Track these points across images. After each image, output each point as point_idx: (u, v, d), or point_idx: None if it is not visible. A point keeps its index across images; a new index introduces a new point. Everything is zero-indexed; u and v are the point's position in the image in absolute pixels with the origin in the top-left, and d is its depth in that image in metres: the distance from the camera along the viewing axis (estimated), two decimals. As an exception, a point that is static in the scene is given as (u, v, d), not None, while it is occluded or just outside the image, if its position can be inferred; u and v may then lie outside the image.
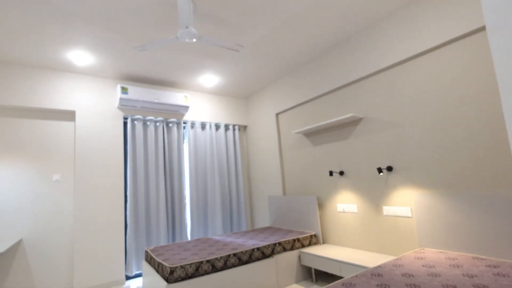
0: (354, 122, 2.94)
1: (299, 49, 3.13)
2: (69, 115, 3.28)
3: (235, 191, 4.28)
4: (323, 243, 3.23)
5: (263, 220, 4.22)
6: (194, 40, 2.19)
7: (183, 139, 3.97)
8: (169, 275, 2.15)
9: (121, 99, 3.27)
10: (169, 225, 3.61)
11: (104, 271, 3.07)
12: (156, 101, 3.49)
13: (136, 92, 3.38)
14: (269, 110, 4.13)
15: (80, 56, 2.88)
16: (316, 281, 2.94)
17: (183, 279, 2.19)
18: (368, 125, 2.78)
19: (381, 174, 2.61)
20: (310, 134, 3.48)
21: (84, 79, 3.29)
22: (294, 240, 2.99)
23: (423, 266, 1.84)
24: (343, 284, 1.66)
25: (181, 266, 2.21)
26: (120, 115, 3.46)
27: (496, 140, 1.94)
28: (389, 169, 2.57)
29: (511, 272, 1.62)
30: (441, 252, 2.10)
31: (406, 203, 2.46)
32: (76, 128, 3.15)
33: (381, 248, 2.64)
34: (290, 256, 2.91)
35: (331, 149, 3.19)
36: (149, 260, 2.69)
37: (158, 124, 3.76)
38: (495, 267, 1.72)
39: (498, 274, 1.61)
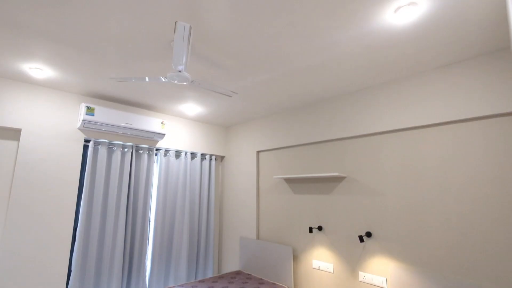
0: (337, 179, 2.87)
1: (290, 97, 2.99)
2: (12, 133, 2.70)
3: (205, 229, 3.93)
4: (295, 299, 3.04)
5: (232, 261, 3.92)
6: (185, 83, 1.88)
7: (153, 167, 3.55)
8: None
9: (84, 120, 2.80)
10: (124, 270, 3.13)
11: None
12: (127, 126, 3.06)
13: (105, 114, 2.92)
14: (250, 145, 3.89)
15: (35, 69, 2.37)
16: None
17: None
18: (351, 185, 2.73)
19: (362, 243, 2.54)
20: (291, 181, 3.31)
21: (36, 91, 2.74)
22: (265, 299, 2.75)
23: None
24: None
25: None
26: (81, 137, 2.96)
27: (471, 228, 1.94)
28: (368, 235, 2.52)
29: None
30: None
31: (382, 272, 2.41)
32: (19, 150, 2.59)
33: (355, 316, 2.53)
34: (260, 319, 2.66)
35: (311, 201, 3.05)
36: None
37: (126, 150, 3.30)
38: None
39: None
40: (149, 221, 3.46)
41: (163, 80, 1.86)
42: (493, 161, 1.94)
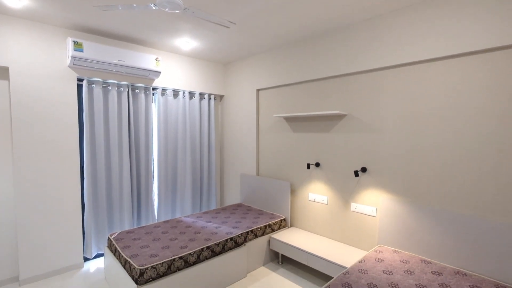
0: (337, 117, 2.86)
1: (292, 28, 2.75)
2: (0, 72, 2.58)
3: (207, 166, 4.09)
4: (291, 226, 3.34)
5: (233, 196, 4.20)
6: (177, 11, 1.71)
7: (151, 107, 3.50)
8: (139, 277, 2.03)
9: (74, 57, 2.64)
10: (134, 204, 3.37)
11: (57, 256, 2.79)
12: (119, 63, 2.91)
13: (94, 50, 2.75)
14: (250, 83, 3.77)
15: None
16: (282, 263, 3.10)
17: (154, 279, 2.10)
18: (350, 123, 2.74)
19: (357, 177, 2.67)
20: (291, 120, 3.31)
21: (17, 25, 2.52)
22: (265, 226, 3.03)
23: (383, 272, 2.02)
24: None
25: (152, 267, 2.09)
26: (73, 76, 2.84)
27: (464, 161, 2.00)
28: (363, 170, 2.64)
29: (452, 281, 1.87)
30: (396, 251, 2.34)
31: (373, 203, 2.60)
32: (10, 90, 2.52)
33: (345, 239, 2.81)
34: (261, 242, 2.97)
35: (310, 139, 3.11)
36: (113, 251, 2.52)
37: (122, 89, 3.21)
38: (439, 274, 1.97)
39: (442, 285, 1.83)
40: (152, 160, 3.57)
41: (153, 7, 1.69)
42: (500, 96, 1.90)
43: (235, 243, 2.70)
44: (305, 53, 3.06)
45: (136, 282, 2.03)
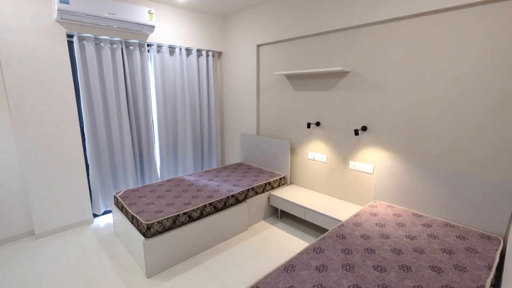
0: (340, 74, 2.76)
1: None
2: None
3: (207, 126, 4.08)
4: (290, 184, 3.46)
5: (234, 155, 4.26)
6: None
7: (148, 65, 3.37)
8: (146, 231, 2.15)
9: (60, 10, 2.46)
10: (136, 164, 3.43)
11: (67, 212, 2.94)
12: (110, 16, 2.72)
13: (81, 2, 2.55)
14: (250, 38, 3.58)
15: None
16: (281, 218, 3.27)
17: (160, 232, 2.23)
18: (353, 81, 2.66)
19: (357, 136, 2.68)
20: (293, 77, 3.21)
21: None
22: (265, 184, 3.13)
23: (376, 224, 2.13)
24: (314, 249, 1.84)
25: (158, 222, 2.21)
26: (62, 31, 2.68)
27: (463, 118, 1.99)
28: (364, 128, 2.64)
29: (440, 232, 2.00)
30: (389, 206, 2.46)
31: (370, 161, 2.66)
32: None
33: (342, 195, 2.93)
34: (261, 198, 3.10)
35: (312, 97, 3.05)
36: (120, 208, 2.63)
37: (115, 46, 3.05)
38: (428, 226, 2.09)
39: (430, 236, 1.95)
40: (152, 120, 3.56)
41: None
42: (503, 51, 1.81)
43: (236, 200, 2.81)
44: (306, 6, 2.85)
45: (144, 235, 2.17)
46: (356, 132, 2.57)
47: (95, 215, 3.26)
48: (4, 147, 2.61)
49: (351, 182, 2.83)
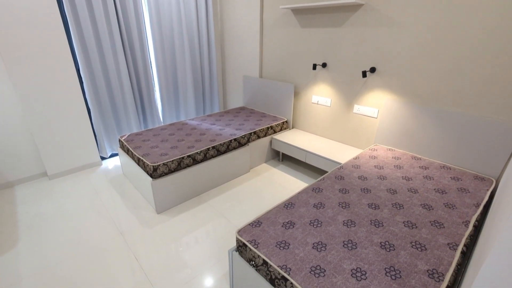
0: (352, 8, 2.50)
1: None
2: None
3: (208, 68, 3.92)
4: (293, 128, 3.47)
5: (236, 99, 4.18)
6: None
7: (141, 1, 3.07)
8: (153, 172, 2.25)
9: None
10: (138, 107, 3.40)
11: (76, 155, 3.03)
12: None
13: None
14: (251, -35, 3.17)
15: None
16: (282, 160, 3.38)
17: (166, 174, 2.33)
18: (367, 15, 2.43)
19: (364, 78, 2.56)
20: (300, 12, 2.93)
21: None
22: (267, 128, 3.15)
23: (374, 167, 2.20)
24: (313, 189, 1.93)
25: (164, 164, 2.29)
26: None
27: (473, 58, 1.88)
28: (372, 70, 2.51)
29: (436, 174, 2.07)
30: (390, 149, 2.50)
31: (376, 105, 2.60)
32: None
33: (343, 139, 2.96)
34: (263, 142, 3.15)
35: (320, 35, 2.83)
36: (126, 151, 2.70)
37: (100, -24, 2.73)
38: (425, 168, 2.16)
39: (426, 177, 2.03)
40: (150, 61, 3.40)
41: None
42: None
43: (238, 143, 2.86)
44: None
45: (151, 176, 2.28)
46: (364, 74, 2.45)
47: (103, 158, 3.38)
48: (4, 90, 2.57)
49: (354, 126, 2.82)
